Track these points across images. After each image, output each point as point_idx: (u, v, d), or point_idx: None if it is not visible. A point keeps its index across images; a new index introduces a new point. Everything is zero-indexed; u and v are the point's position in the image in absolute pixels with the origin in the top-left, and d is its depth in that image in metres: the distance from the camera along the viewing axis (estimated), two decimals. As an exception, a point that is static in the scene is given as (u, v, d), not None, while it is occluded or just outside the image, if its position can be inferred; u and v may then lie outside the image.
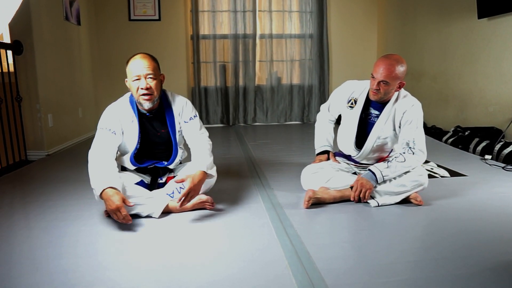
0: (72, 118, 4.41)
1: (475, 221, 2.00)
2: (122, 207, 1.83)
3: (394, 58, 2.14)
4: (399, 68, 2.11)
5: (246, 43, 5.66)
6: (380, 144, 2.30)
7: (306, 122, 5.92)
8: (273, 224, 1.97)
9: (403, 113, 2.21)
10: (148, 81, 2.01)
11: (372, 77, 2.17)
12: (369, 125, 2.31)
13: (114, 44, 5.44)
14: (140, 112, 2.13)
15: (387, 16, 5.75)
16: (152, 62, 2.05)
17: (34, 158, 3.61)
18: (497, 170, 2.95)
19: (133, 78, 2.01)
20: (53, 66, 3.97)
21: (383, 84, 2.13)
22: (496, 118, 3.72)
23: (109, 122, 2.08)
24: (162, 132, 2.19)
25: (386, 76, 2.10)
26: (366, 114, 2.31)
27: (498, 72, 3.70)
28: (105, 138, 2.05)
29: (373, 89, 2.17)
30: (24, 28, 3.50)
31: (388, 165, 2.16)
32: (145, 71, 2.00)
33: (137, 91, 2.02)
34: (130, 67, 2.03)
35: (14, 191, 2.65)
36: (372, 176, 2.16)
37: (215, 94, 5.73)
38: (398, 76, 2.12)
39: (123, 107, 2.13)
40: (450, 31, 4.36)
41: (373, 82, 2.17)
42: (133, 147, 2.12)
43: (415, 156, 2.16)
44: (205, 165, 2.09)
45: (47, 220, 2.04)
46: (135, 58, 2.04)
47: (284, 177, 2.80)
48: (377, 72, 2.13)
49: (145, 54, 2.07)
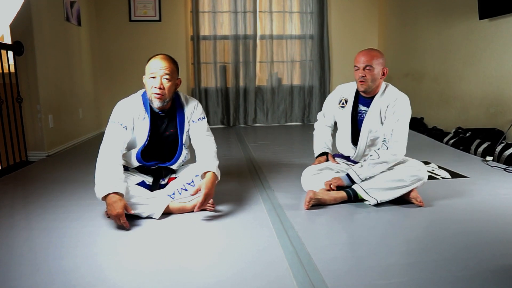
0: (73, 119, 4.41)
1: (476, 223, 2.00)
2: (123, 215, 1.85)
3: (373, 48, 2.31)
4: (379, 55, 2.26)
5: (246, 44, 5.66)
6: (373, 139, 2.33)
7: (306, 123, 5.91)
8: (274, 226, 1.97)
9: (387, 106, 2.26)
10: (163, 82, 2.05)
11: (356, 68, 2.27)
12: (360, 122, 2.36)
13: (115, 44, 5.44)
14: (152, 110, 2.15)
15: (388, 17, 5.74)
16: (171, 64, 2.09)
17: (35, 159, 3.61)
18: (499, 172, 2.95)
19: (150, 76, 2.06)
20: (54, 66, 3.97)
21: (368, 70, 2.22)
22: (497, 119, 3.72)
23: (121, 116, 2.09)
24: (171, 132, 2.21)
25: (369, 61, 2.22)
26: (357, 112, 2.37)
27: (499, 73, 3.70)
28: (117, 132, 2.06)
29: (360, 77, 2.24)
30: (25, 29, 3.50)
31: (361, 164, 2.23)
32: (162, 71, 2.05)
33: (150, 88, 2.06)
34: (149, 65, 2.08)
35: (14, 191, 2.65)
36: (346, 178, 2.25)
37: (215, 95, 5.73)
38: (380, 61, 2.23)
39: (135, 103, 2.15)
40: (451, 32, 4.36)
41: (357, 73, 2.26)
42: (141, 143, 2.13)
43: (389, 150, 2.17)
44: (214, 167, 2.10)
45: (47, 221, 2.04)
46: (156, 58, 2.09)
47: (284, 178, 2.80)
48: (359, 61, 2.25)
49: (167, 56, 2.12)
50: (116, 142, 2.04)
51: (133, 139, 2.14)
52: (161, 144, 2.20)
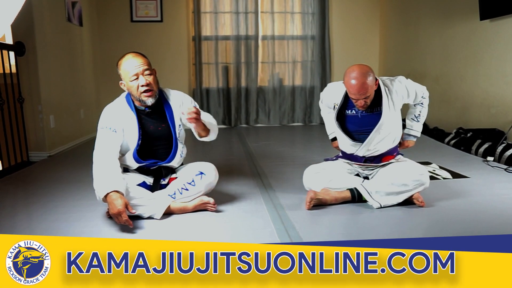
0: (74, 119, 4.42)
1: (477, 223, 1.99)
2: (124, 212, 1.83)
3: (360, 73, 2.10)
4: (369, 79, 2.11)
5: (248, 45, 5.66)
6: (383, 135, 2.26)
7: (308, 123, 5.91)
8: (275, 226, 1.96)
9: (396, 92, 2.26)
10: (146, 78, 2.05)
11: (353, 99, 2.18)
12: (362, 118, 2.28)
13: (116, 45, 5.44)
14: (137, 109, 2.14)
15: (389, 18, 5.74)
16: (144, 58, 2.09)
17: (36, 159, 3.61)
18: (499, 172, 2.94)
19: (132, 78, 2.04)
20: (55, 67, 3.98)
21: (366, 99, 2.15)
22: (498, 119, 3.71)
23: (108, 120, 2.09)
24: (162, 126, 2.19)
25: (364, 93, 2.12)
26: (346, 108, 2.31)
27: (500, 74, 3.70)
28: (107, 137, 2.06)
29: (361, 106, 2.19)
30: (26, 29, 3.51)
31: (418, 119, 2.43)
32: (141, 68, 2.04)
33: (137, 89, 2.05)
34: (125, 68, 2.06)
35: (16, 192, 2.65)
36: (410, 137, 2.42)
37: (217, 95, 5.73)
38: (372, 82, 2.13)
39: (120, 105, 2.14)
40: (453, 33, 4.35)
41: (356, 102, 2.18)
42: (134, 144, 2.12)
43: (426, 100, 2.41)
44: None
45: (49, 221, 2.04)
46: (128, 58, 2.07)
47: (286, 179, 2.80)
48: (355, 94, 2.13)
49: (135, 53, 2.10)
50: (109, 145, 2.04)
51: (125, 142, 2.13)
52: (155, 140, 2.19)
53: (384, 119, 2.23)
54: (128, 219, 1.85)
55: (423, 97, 2.38)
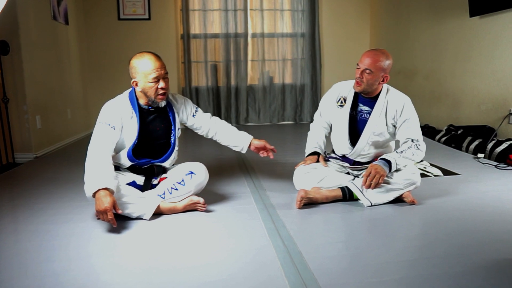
0: (61, 120, 4.35)
1: (468, 220, 1.99)
2: (110, 211, 1.80)
3: (381, 51, 2.18)
4: (385, 60, 2.15)
5: (237, 42, 5.63)
6: (374, 140, 2.27)
7: (298, 122, 5.90)
8: (266, 225, 1.94)
9: (396, 110, 2.22)
10: (165, 81, 2.08)
11: (357, 67, 2.21)
12: (361, 122, 2.30)
13: (103, 43, 5.38)
14: (140, 108, 2.13)
15: (380, 15, 5.75)
16: (162, 61, 2.10)
17: (22, 161, 3.55)
18: (490, 169, 2.96)
19: (152, 80, 2.04)
20: (41, 66, 3.91)
21: (366, 74, 2.15)
22: (488, 116, 3.73)
23: (109, 116, 2.06)
24: (161, 127, 2.20)
25: (370, 64, 2.14)
26: (357, 111, 2.31)
27: (490, 70, 3.71)
28: (105, 133, 2.03)
29: (357, 78, 2.20)
30: (10, 28, 3.44)
31: (400, 155, 2.18)
32: (162, 72, 2.06)
33: (155, 91, 2.06)
34: (145, 69, 2.03)
35: (2, 194, 2.59)
36: (385, 163, 2.15)
37: (206, 94, 5.69)
38: (383, 67, 2.14)
39: (122, 103, 2.13)
40: (442, 29, 4.37)
41: (357, 72, 2.20)
42: (131, 142, 2.10)
43: (421, 152, 2.21)
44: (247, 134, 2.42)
45: (36, 223, 2.00)
46: (147, 59, 2.05)
47: (276, 178, 2.78)
48: (362, 61, 2.17)
49: (153, 54, 2.09)
50: (105, 141, 2.02)
51: (122, 139, 2.10)
52: (152, 140, 2.18)
53: (372, 121, 2.24)
54: (113, 218, 1.82)
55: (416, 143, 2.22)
